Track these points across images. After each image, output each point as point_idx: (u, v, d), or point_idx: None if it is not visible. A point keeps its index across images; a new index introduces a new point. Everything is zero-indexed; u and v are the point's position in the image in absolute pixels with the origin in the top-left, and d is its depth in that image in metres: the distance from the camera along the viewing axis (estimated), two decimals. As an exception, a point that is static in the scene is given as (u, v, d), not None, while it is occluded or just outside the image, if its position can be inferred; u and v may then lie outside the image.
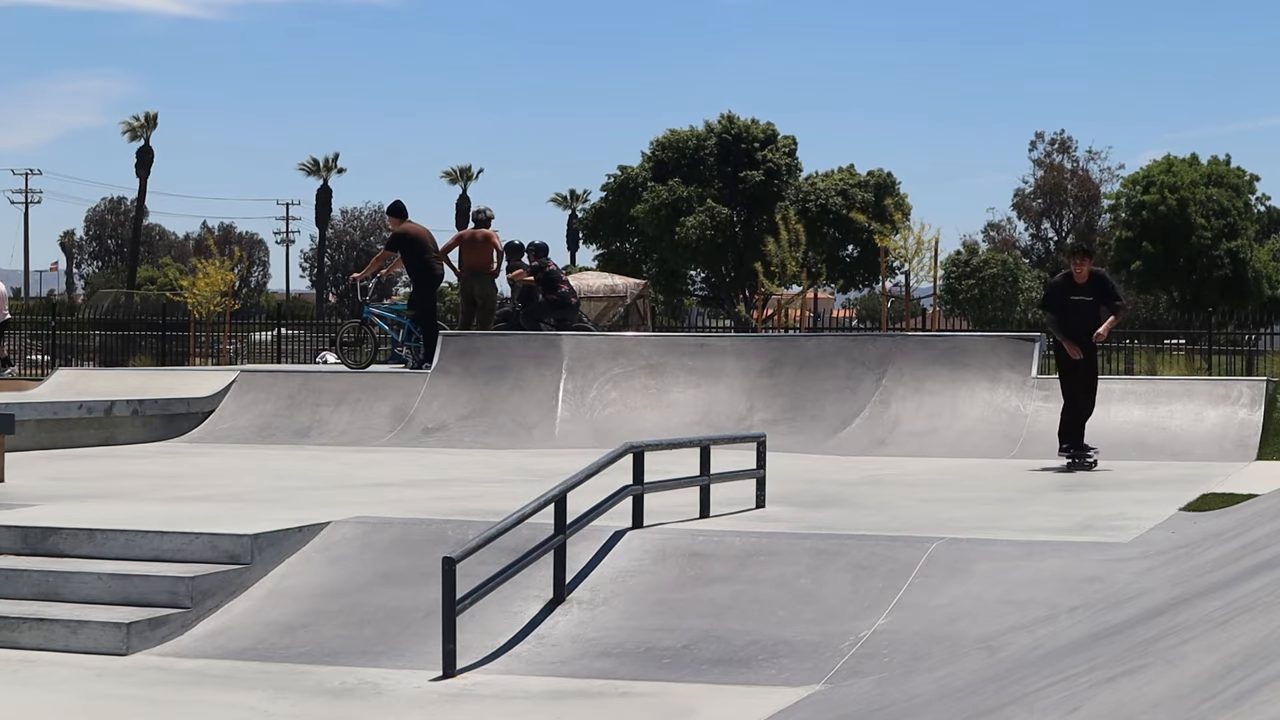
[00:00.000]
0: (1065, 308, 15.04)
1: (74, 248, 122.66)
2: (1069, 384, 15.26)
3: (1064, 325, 15.00)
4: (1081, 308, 15.03)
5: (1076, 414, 15.18)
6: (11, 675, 8.60)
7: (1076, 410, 15.18)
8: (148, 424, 18.93)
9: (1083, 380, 15.16)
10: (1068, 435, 15.23)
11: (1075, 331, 14.96)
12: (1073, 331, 14.99)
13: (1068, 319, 15.00)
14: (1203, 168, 70.97)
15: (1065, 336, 15.00)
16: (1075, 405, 15.19)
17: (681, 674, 8.41)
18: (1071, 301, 15.03)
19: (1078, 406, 15.18)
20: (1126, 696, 5.15)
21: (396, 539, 10.33)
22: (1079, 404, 15.18)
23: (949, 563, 9.43)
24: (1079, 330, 14.96)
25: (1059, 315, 15.06)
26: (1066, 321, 14.99)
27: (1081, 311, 15.03)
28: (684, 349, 19.64)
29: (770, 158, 70.85)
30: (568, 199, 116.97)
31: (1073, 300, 15.04)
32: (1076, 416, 15.18)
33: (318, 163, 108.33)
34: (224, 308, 37.66)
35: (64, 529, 10.32)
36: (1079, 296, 15.02)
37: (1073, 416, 15.20)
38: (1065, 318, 15.01)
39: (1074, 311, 15.02)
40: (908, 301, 36.55)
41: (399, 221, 21.41)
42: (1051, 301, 15.27)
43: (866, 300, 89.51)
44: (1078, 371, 15.13)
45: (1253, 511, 10.14)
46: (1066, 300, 15.07)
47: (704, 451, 11.21)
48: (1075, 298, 15.03)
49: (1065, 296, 15.10)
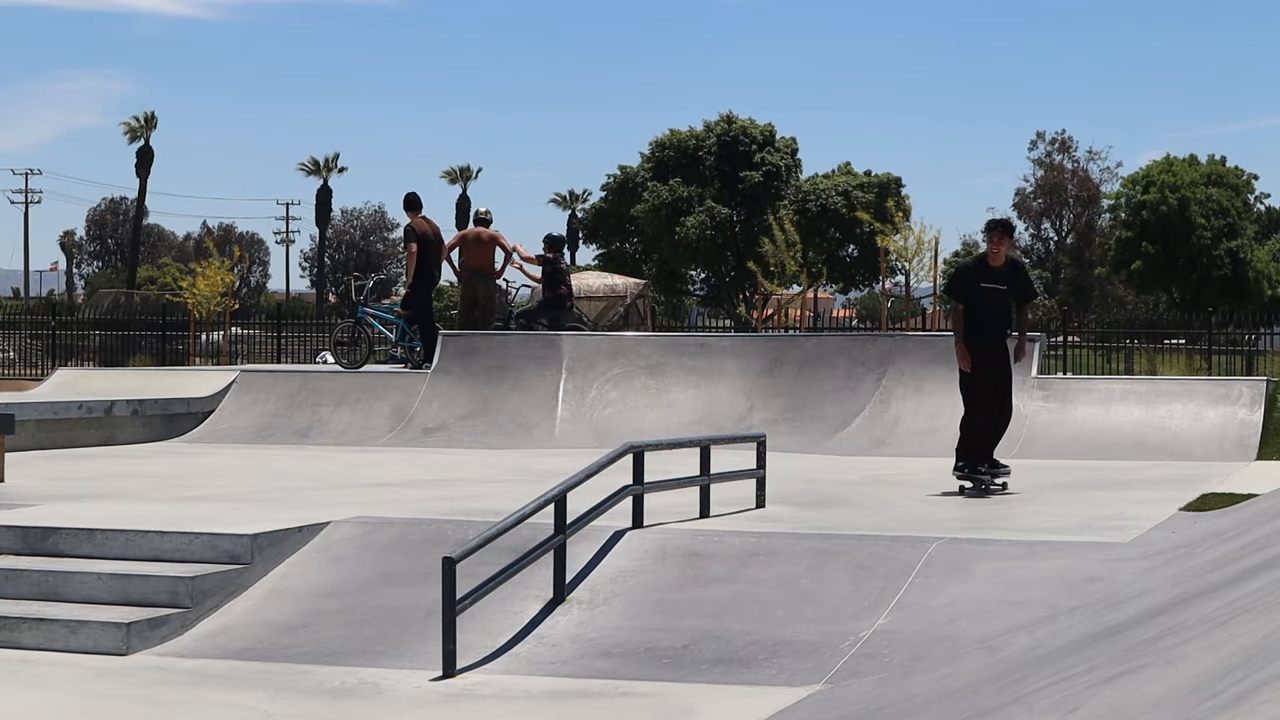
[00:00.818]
0: (974, 297, 12.78)
1: (74, 248, 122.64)
2: (973, 389, 12.80)
3: (969, 319, 12.74)
4: (991, 298, 12.80)
5: (983, 426, 12.81)
6: (11, 675, 8.60)
7: (981, 421, 12.79)
8: (148, 424, 18.92)
9: (993, 388, 12.81)
10: (971, 451, 12.74)
11: (980, 326, 12.70)
12: (977, 326, 12.72)
13: (974, 311, 12.75)
14: (1202, 168, 70.96)
15: (965, 337, 12.69)
16: (979, 415, 12.77)
17: (681, 674, 8.41)
18: (981, 289, 12.78)
19: (983, 417, 12.78)
20: (1126, 696, 5.15)
21: (396, 539, 10.33)
22: (988, 412, 12.80)
23: (949, 563, 9.43)
24: (985, 324, 12.72)
25: (966, 306, 12.78)
26: (972, 314, 12.75)
27: (990, 303, 12.79)
28: (684, 349, 19.63)
29: (770, 158, 70.85)
30: (568, 199, 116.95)
31: (983, 288, 12.78)
32: (983, 429, 12.81)
33: (318, 163, 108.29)
34: (224, 308, 37.65)
35: (64, 529, 10.33)
36: (991, 284, 12.78)
37: (976, 428, 12.79)
38: (972, 309, 12.76)
39: (982, 301, 12.77)
40: (908, 301, 36.54)
41: (416, 215, 21.31)
42: (958, 288, 13.02)
43: (866, 300, 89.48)
44: (986, 378, 12.75)
45: (1253, 511, 10.14)
46: (976, 288, 12.81)
47: (704, 451, 11.21)
48: (986, 285, 12.78)
49: (975, 283, 12.84)
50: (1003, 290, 12.74)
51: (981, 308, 12.66)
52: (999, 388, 12.75)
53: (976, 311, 12.66)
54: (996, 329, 12.74)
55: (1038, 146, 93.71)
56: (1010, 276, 12.83)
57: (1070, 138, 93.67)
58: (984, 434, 12.67)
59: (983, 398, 12.65)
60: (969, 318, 12.68)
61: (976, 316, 12.66)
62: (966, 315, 12.70)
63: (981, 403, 12.67)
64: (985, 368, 12.61)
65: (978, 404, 12.68)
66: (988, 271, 12.77)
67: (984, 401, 12.65)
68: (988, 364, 12.63)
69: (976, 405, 12.68)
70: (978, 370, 12.58)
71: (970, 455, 12.62)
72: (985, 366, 12.61)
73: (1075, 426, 17.26)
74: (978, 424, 12.66)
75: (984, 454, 12.67)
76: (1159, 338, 36.34)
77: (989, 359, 12.65)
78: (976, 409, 12.68)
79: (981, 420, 12.65)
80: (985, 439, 12.68)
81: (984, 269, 12.82)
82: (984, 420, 12.66)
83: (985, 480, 12.57)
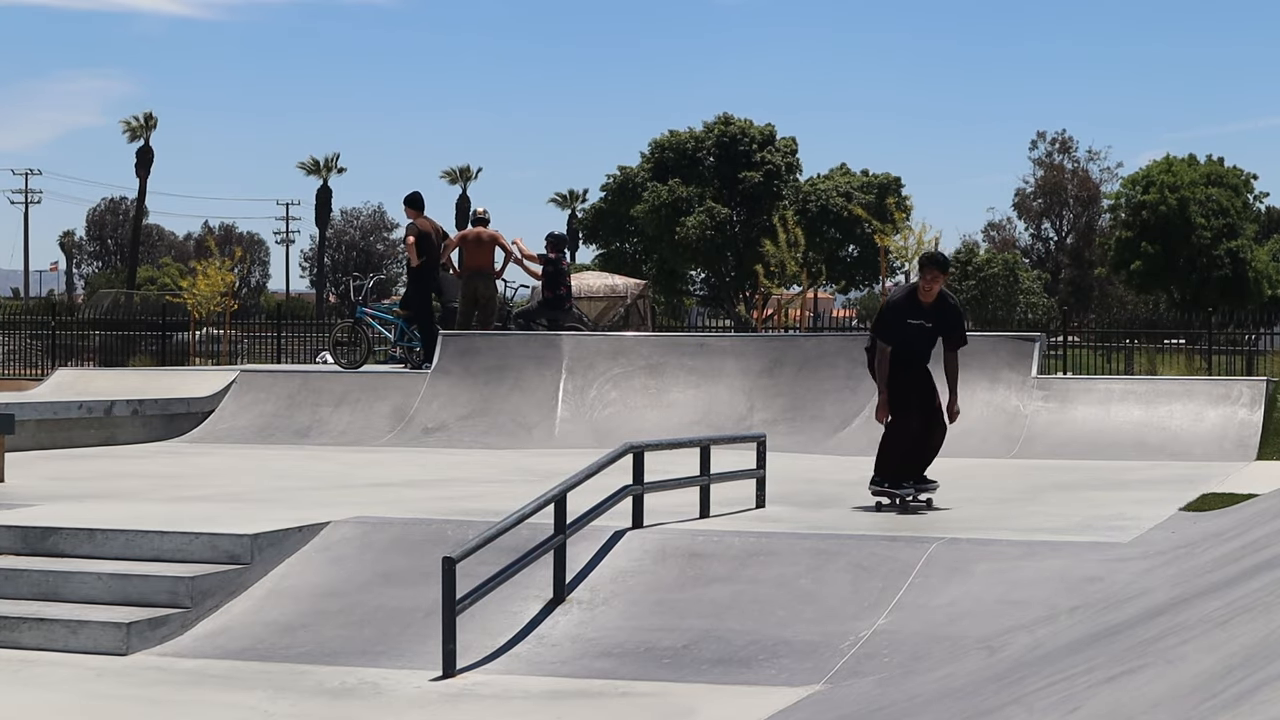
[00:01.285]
0: (901, 335, 11.74)
1: (74, 248, 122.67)
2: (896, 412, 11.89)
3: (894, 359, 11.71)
4: (916, 335, 11.81)
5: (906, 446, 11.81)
6: (11, 675, 8.60)
7: (904, 441, 11.80)
8: (148, 424, 18.93)
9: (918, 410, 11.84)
10: (891, 468, 11.77)
11: (904, 363, 11.73)
12: (902, 363, 11.72)
13: (898, 349, 11.73)
14: (1202, 168, 70.97)
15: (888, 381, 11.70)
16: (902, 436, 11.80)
17: (681, 674, 8.41)
18: (909, 326, 11.76)
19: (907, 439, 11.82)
20: (1126, 696, 5.15)
21: (396, 539, 10.33)
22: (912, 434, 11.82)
23: (949, 563, 9.43)
24: (908, 361, 11.75)
25: (893, 344, 11.71)
26: (897, 354, 11.72)
27: (914, 339, 11.81)
28: (684, 349, 19.64)
29: (770, 158, 70.87)
30: (568, 199, 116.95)
31: (910, 325, 11.75)
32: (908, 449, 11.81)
33: (318, 163, 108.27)
34: (224, 308, 37.66)
35: (64, 529, 10.33)
36: (919, 321, 11.76)
37: (899, 447, 11.79)
38: (898, 348, 11.73)
39: (906, 338, 11.76)
40: (908, 302, 36.49)
41: (418, 214, 21.25)
42: (885, 326, 11.81)
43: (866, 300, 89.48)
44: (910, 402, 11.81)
45: (1253, 511, 10.14)
46: (904, 325, 11.76)
47: (704, 451, 11.21)
48: (914, 322, 11.75)
49: (903, 320, 11.77)
50: (929, 328, 11.80)
51: (906, 346, 11.73)
52: (924, 408, 11.80)
53: (900, 350, 11.72)
54: (919, 361, 11.86)
55: (1038, 146, 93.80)
56: (940, 314, 11.83)
57: (1070, 138, 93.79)
58: (909, 452, 11.76)
59: (906, 419, 11.73)
60: (891, 360, 11.72)
61: (899, 354, 11.72)
62: (891, 357, 11.71)
63: (903, 424, 11.74)
64: (909, 392, 11.73)
65: (900, 427, 11.73)
66: (917, 307, 11.77)
67: (906, 423, 11.73)
68: (911, 389, 11.75)
69: (898, 427, 11.73)
70: (900, 396, 11.70)
71: (889, 473, 11.69)
72: (909, 391, 11.73)
73: (1075, 426, 17.26)
74: (900, 444, 11.73)
75: (908, 472, 11.76)
76: (1159, 338, 36.34)
77: (912, 385, 11.78)
78: (898, 431, 11.72)
79: (905, 441, 11.74)
80: (910, 457, 11.76)
81: (914, 304, 11.78)
82: (908, 441, 11.75)
83: (906, 494, 11.65)
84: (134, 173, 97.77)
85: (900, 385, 11.71)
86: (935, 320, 11.78)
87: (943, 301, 11.83)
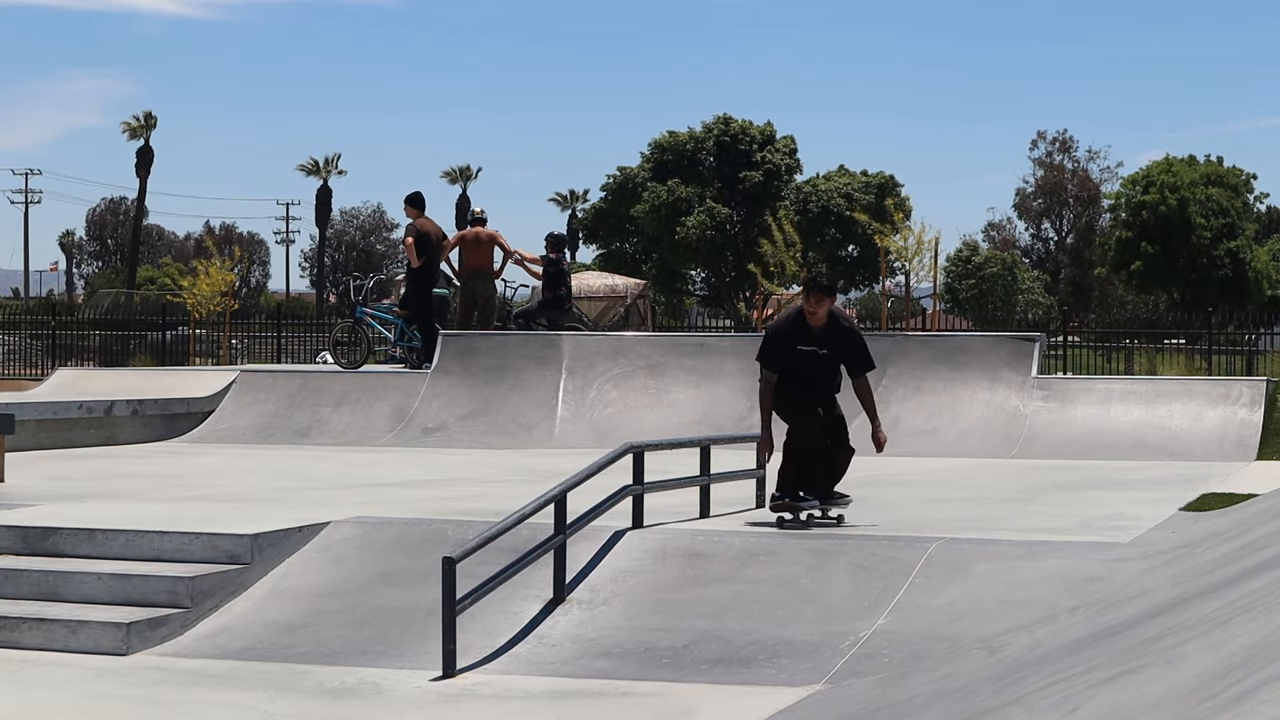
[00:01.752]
0: (790, 362, 10.61)
1: (74, 248, 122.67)
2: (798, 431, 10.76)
3: (780, 391, 10.62)
4: (810, 362, 10.62)
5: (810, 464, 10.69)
6: (11, 675, 8.60)
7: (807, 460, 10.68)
8: (148, 424, 18.92)
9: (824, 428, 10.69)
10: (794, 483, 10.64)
11: (797, 395, 10.61)
12: (793, 396, 10.61)
13: (786, 379, 10.61)
14: (1202, 168, 70.96)
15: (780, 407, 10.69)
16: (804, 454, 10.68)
17: (681, 674, 8.41)
18: (799, 353, 10.62)
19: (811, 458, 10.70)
20: (1126, 696, 5.15)
21: (396, 539, 10.33)
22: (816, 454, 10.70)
23: (949, 563, 9.43)
24: (801, 395, 10.61)
25: (781, 372, 10.61)
26: (784, 383, 10.62)
27: (809, 367, 10.61)
28: (684, 349, 19.64)
29: (770, 158, 70.87)
30: (568, 199, 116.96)
31: (801, 351, 10.61)
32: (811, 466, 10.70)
33: (318, 163, 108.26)
34: (224, 308, 37.66)
35: (64, 529, 10.32)
36: (810, 347, 10.59)
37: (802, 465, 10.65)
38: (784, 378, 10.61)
39: (797, 366, 10.60)
40: (908, 301, 36.54)
41: (418, 214, 21.23)
42: (771, 354, 10.67)
43: (866, 300, 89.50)
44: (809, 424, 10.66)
45: (1253, 511, 10.14)
46: (791, 351, 10.62)
47: (704, 451, 11.21)
48: (805, 348, 10.61)
49: (791, 347, 10.63)
50: (823, 354, 10.61)
51: (797, 374, 10.59)
52: (831, 429, 10.70)
53: (788, 380, 10.59)
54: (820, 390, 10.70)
55: (1038, 146, 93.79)
56: (833, 338, 10.65)
57: (1070, 138, 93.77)
58: (813, 470, 10.67)
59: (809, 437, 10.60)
60: (782, 388, 10.61)
61: (788, 387, 10.60)
62: (779, 385, 10.61)
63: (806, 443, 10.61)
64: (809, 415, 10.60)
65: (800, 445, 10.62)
66: (805, 333, 10.62)
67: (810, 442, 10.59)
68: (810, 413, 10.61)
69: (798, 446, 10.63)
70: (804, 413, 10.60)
71: (791, 487, 10.59)
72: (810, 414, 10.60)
73: (1075, 426, 17.26)
74: (802, 462, 10.62)
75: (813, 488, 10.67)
76: (1159, 338, 36.33)
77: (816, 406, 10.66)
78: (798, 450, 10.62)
79: (808, 459, 10.61)
80: (816, 473, 10.66)
81: (801, 329, 10.64)
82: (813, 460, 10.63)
83: (808, 508, 10.62)
84: (134, 173, 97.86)
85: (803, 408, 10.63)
86: (829, 346, 10.62)
87: (834, 325, 10.68)
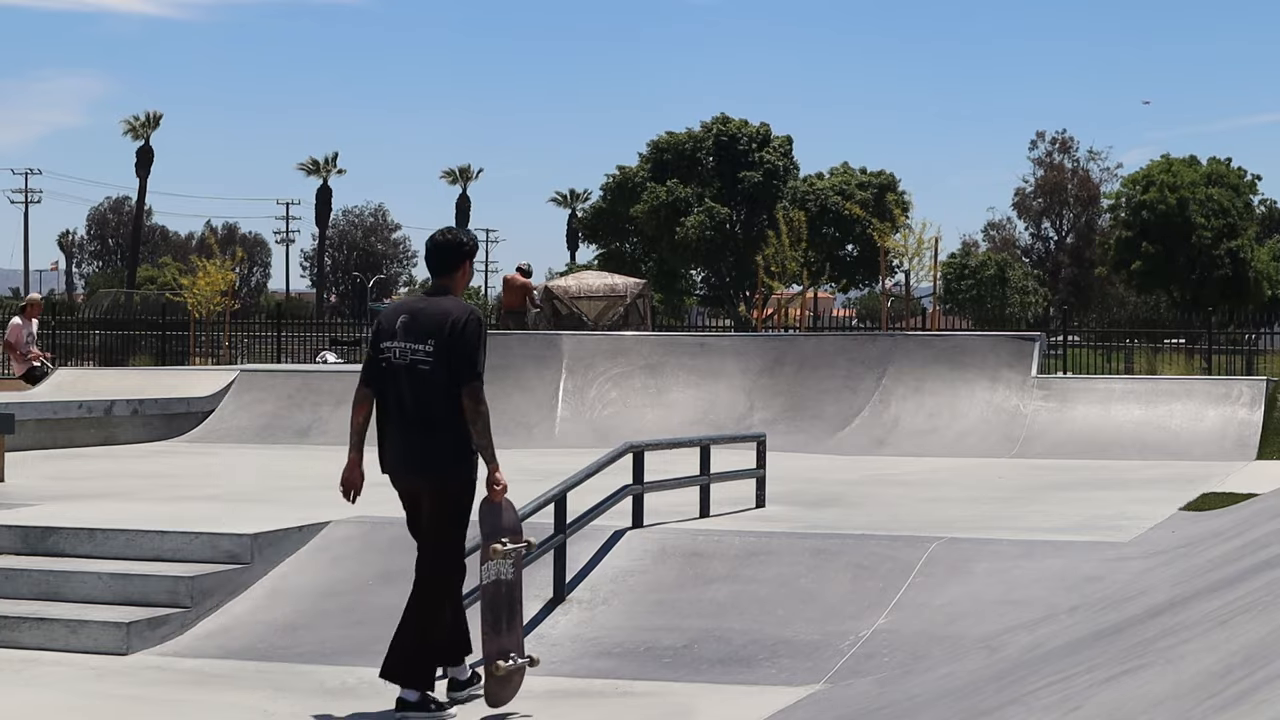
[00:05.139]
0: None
1: (74, 247, 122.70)
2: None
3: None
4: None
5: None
6: (12, 675, 8.60)
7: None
8: (148, 424, 18.92)
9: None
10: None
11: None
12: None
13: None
14: (1202, 168, 70.97)
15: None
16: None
17: (681, 673, 8.41)
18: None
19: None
20: (1126, 696, 5.15)
21: (396, 539, 10.30)
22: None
23: (949, 562, 9.43)
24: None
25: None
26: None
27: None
28: (684, 349, 19.64)
29: (769, 158, 70.88)
30: (567, 199, 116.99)
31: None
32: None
33: (318, 163, 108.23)
34: (224, 307, 37.68)
35: (64, 529, 10.32)
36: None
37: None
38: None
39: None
40: (908, 301, 36.56)
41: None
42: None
43: (866, 300, 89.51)
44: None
45: (1252, 511, 10.15)
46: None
47: (704, 451, 11.21)
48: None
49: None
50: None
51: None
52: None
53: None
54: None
55: (1038, 146, 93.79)
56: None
57: (1070, 138, 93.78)
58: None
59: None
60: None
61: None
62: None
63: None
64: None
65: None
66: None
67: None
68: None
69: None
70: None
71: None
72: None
73: (1075, 426, 17.27)
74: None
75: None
76: (1159, 338, 36.35)
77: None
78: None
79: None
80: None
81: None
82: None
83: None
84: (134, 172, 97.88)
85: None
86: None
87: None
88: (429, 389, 7.65)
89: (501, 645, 7.56)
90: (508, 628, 7.60)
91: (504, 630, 7.58)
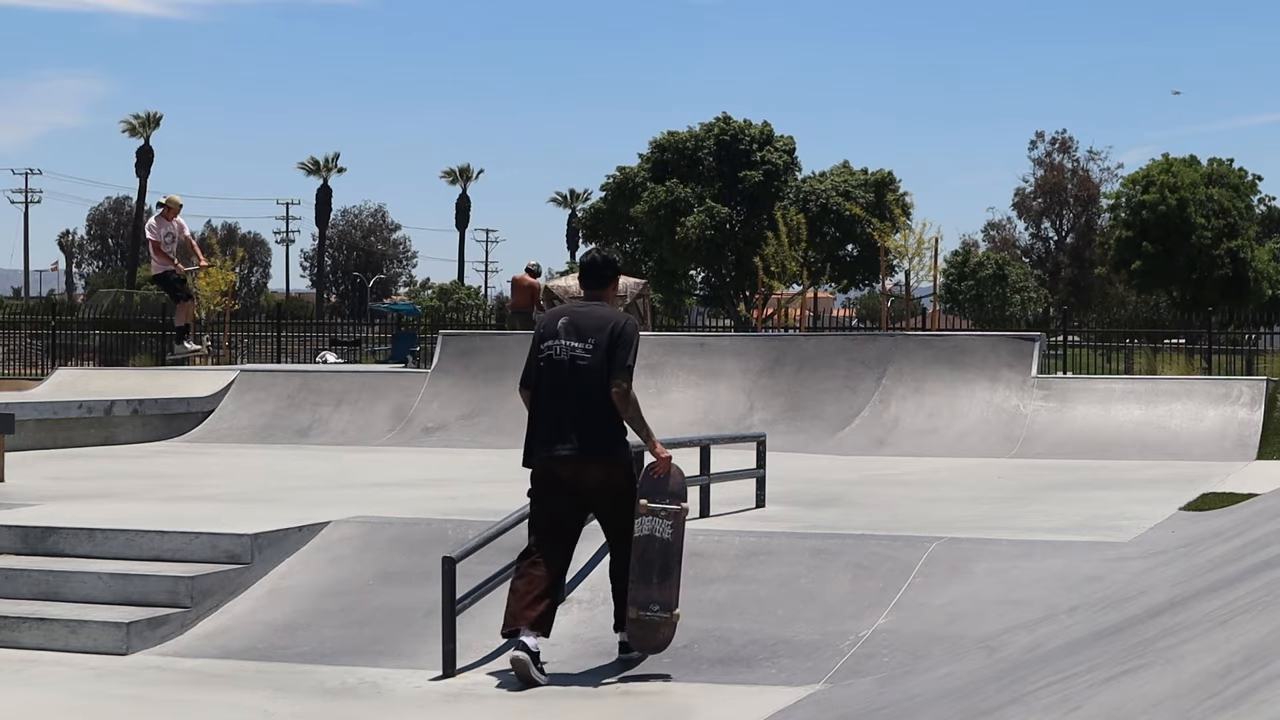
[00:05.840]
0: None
1: (74, 247, 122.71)
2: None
3: None
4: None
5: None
6: (12, 675, 8.60)
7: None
8: (148, 424, 18.92)
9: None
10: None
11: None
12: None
13: None
14: (1203, 168, 70.95)
15: None
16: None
17: (681, 673, 8.41)
18: None
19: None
20: (1126, 696, 5.15)
21: (396, 539, 10.33)
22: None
23: (949, 562, 9.43)
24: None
25: None
26: None
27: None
28: (684, 349, 19.64)
29: (769, 158, 70.85)
30: (567, 199, 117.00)
31: None
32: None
33: (318, 162, 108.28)
34: (224, 307, 37.68)
35: (64, 529, 10.32)
36: None
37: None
38: None
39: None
40: (908, 301, 36.55)
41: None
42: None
43: (866, 300, 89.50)
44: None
45: (1252, 511, 10.15)
46: None
47: (704, 451, 11.21)
48: None
49: None
50: None
51: None
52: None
53: None
54: None
55: (1038, 146, 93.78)
56: None
57: (1070, 138, 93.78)
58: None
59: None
60: None
61: None
62: None
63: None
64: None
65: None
66: None
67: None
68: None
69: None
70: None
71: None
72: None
73: (1075, 426, 17.27)
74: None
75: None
76: (1159, 338, 36.34)
77: None
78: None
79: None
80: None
81: None
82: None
83: None
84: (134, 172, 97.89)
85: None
86: None
87: None
88: (586, 379, 8.65)
89: (649, 595, 8.36)
90: (658, 582, 8.36)
91: (653, 583, 8.36)
